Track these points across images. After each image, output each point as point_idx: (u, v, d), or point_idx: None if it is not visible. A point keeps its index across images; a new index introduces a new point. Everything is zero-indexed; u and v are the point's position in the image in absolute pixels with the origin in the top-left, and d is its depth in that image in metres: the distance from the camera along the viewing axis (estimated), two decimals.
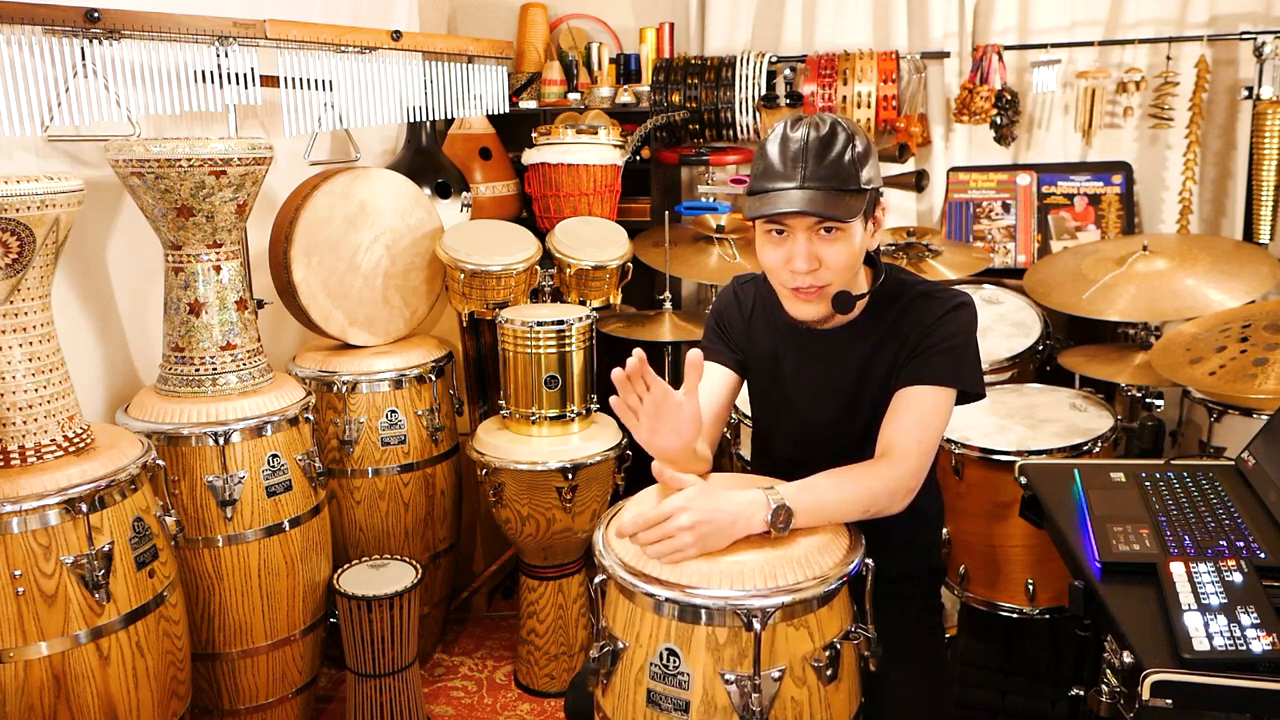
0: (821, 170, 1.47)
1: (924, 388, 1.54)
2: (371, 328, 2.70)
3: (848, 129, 1.50)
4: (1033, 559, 2.13)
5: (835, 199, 1.46)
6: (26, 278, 1.74)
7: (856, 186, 1.48)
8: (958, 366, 1.55)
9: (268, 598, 2.20)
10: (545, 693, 2.64)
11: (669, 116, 3.25)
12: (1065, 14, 3.09)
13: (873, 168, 1.52)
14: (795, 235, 1.50)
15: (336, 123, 2.52)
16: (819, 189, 1.46)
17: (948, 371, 1.54)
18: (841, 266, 1.51)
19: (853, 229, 1.50)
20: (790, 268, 1.52)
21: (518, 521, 2.55)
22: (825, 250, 1.50)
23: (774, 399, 1.74)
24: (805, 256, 1.50)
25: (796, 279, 1.52)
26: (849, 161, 1.48)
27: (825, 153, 1.47)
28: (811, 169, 1.47)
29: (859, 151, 1.49)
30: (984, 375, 1.61)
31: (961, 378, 1.56)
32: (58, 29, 1.94)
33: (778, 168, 1.49)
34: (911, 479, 1.50)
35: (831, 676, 1.38)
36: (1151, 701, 1.13)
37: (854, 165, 1.48)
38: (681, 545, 1.36)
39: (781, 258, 1.53)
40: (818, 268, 1.51)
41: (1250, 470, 1.62)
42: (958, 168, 3.21)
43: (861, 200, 1.49)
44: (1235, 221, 2.96)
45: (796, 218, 1.48)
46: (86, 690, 1.75)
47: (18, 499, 1.67)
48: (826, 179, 1.46)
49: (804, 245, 1.50)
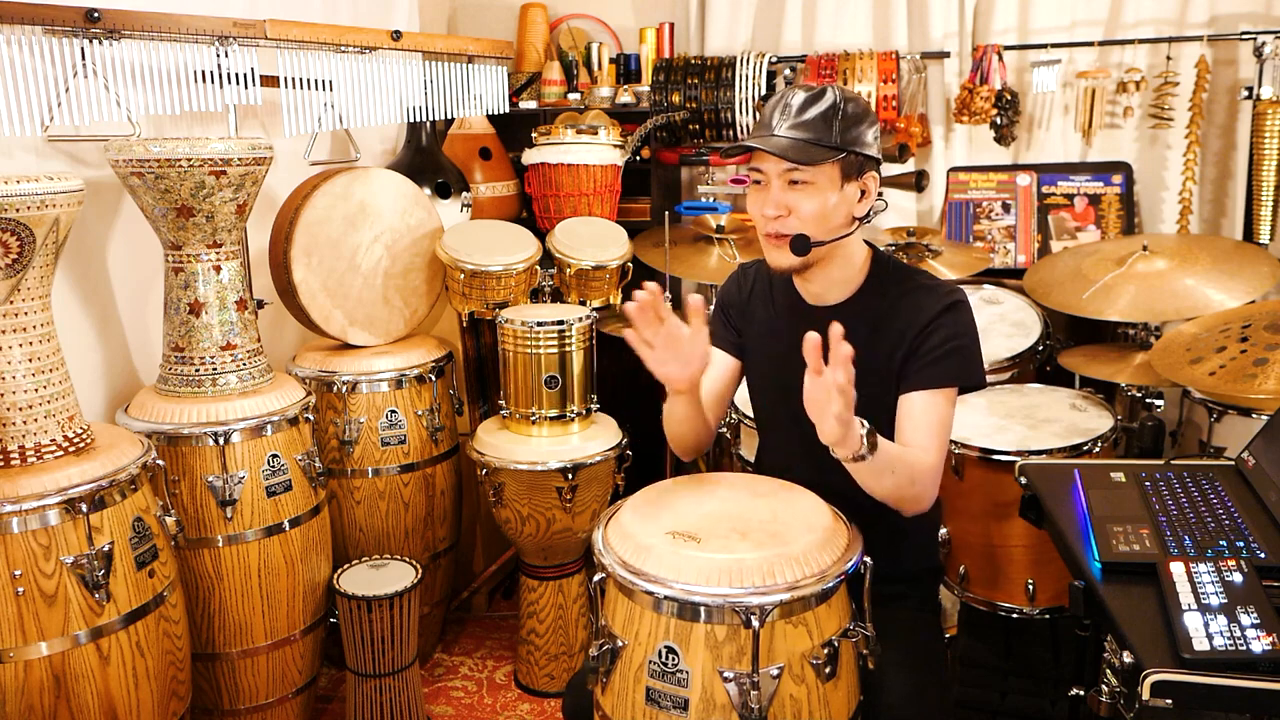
0: (799, 122, 1.56)
1: (933, 392, 1.59)
2: (371, 328, 2.70)
3: (841, 95, 1.58)
4: (1033, 559, 2.12)
5: (803, 148, 1.54)
6: (26, 278, 1.74)
7: (830, 142, 1.55)
8: (965, 365, 1.62)
9: (268, 598, 2.20)
10: (545, 693, 2.64)
11: (669, 116, 3.25)
12: (1065, 14, 3.09)
13: (862, 132, 1.58)
14: (770, 183, 1.59)
15: (336, 123, 2.52)
16: (789, 138, 1.56)
17: (954, 374, 1.61)
18: (810, 217, 1.58)
19: (822, 182, 1.56)
20: (762, 212, 1.61)
21: (518, 521, 2.55)
22: (794, 199, 1.58)
23: (773, 379, 1.76)
24: (774, 203, 1.58)
25: (767, 224, 1.61)
26: (828, 118, 1.55)
27: (808, 108, 1.57)
28: (792, 120, 1.56)
29: (847, 113, 1.56)
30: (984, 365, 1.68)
31: (962, 377, 1.62)
32: (58, 29, 1.94)
33: (763, 117, 1.61)
34: (939, 478, 1.57)
35: (830, 674, 1.38)
36: (1151, 701, 1.13)
37: (834, 123, 1.55)
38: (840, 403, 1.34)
39: (759, 204, 1.62)
40: (785, 215, 1.58)
41: (1250, 470, 1.62)
42: (958, 168, 3.20)
43: (833, 155, 1.55)
44: (1235, 221, 2.96)
45: (769, 163, 1.57)
46: (86, 690, 1.75)
47: (18, 499, 1.68)
48: (802, 129, 1.55)
49: (776, 193, 1.58)
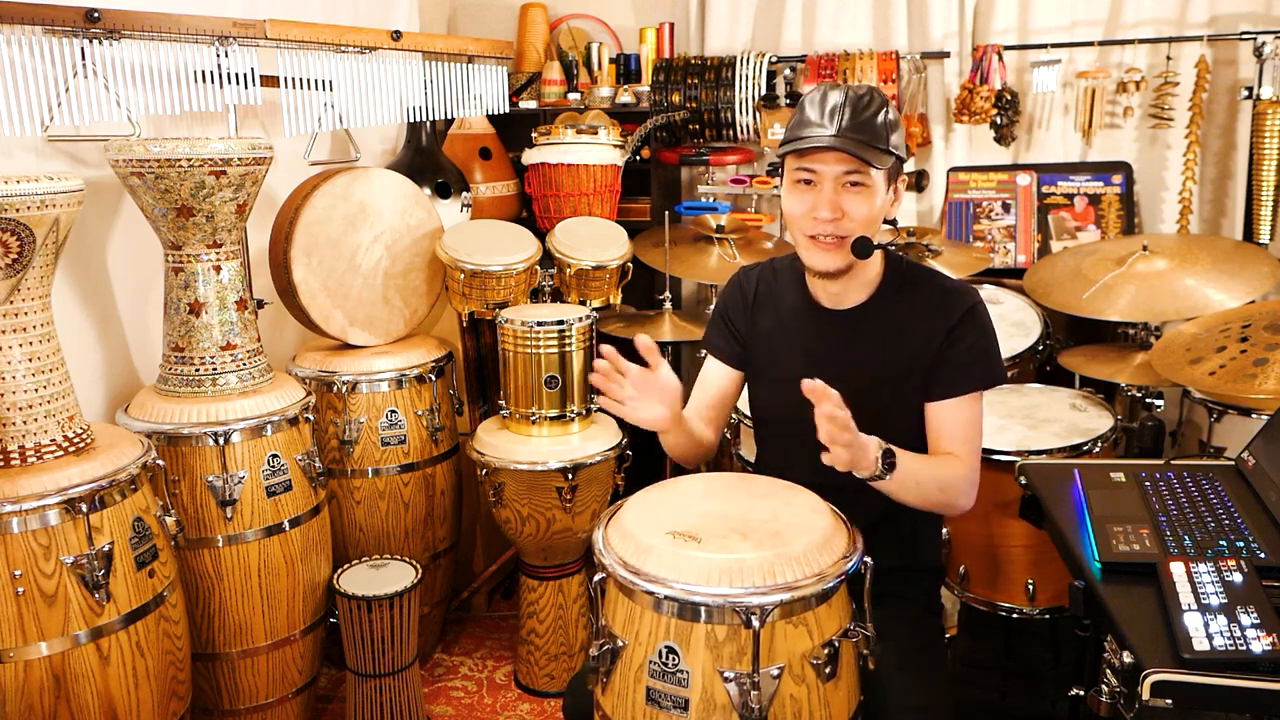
0: (857, 123, 1.53)
1: (964, 398, 1.62)
2: (371, 328, 2.70)
3: (883, 97, 1.57)
4: (1033, 559, 2.12)
5: (870, 149, 1.53)
6: (26, 278, 1.74)
7: (885, 147, 1.54)
8: (990, 368, 1.65)
9: (268, 598, 2.20)
10: (545, 693, 2.64)
11: (669, 116, 3.25)
12: (1065, 14, 3.09)
13: (900, 138, 1.59)
14: (823, 185, 1.56)
15: (336, 123, 2.52)
16: (853, 139, 1.52)
17: (981, 378, 1.64)
18: (863, 219, 1.57)
19: (876, 186, 1.56)
20: (814, 214, 1.57)
21: (518, 521, 2.55)
22: (849, 202, 1.56)
23: (781, 379, 1.72)
24: (830, 205, 1.55)
25: (819, 226, 1.57)
26: (881, 123, 1.55)
27: (861, 110, 1.54)
28: (848, 121, 1.53)
29: (891, 118, 1.56)
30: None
31: (991, 377, 1.64)
32: (58, 29, 1.94)
33: (814, 118, 1.56)
34: (977, 479, 1.60)
35: (830, 674, 1.38)
36: (1151, 701, 1.13)
37: (885, 127, 1.55)
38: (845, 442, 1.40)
39: (807, 205, 1.58)
40: (840, 218, 1.56)
41: (1250, 470, 1.62)
42: (958, 168, 3.21)
43: (888, 161, 1.55)
44: (1235, 221, 2.96)
45: (828, 165, 1.54)
46: (86, 690, 1.75)
47: (18, 499, 1.67)
48: (860, 131, 1.53)
49: (830, 194, 1.55)
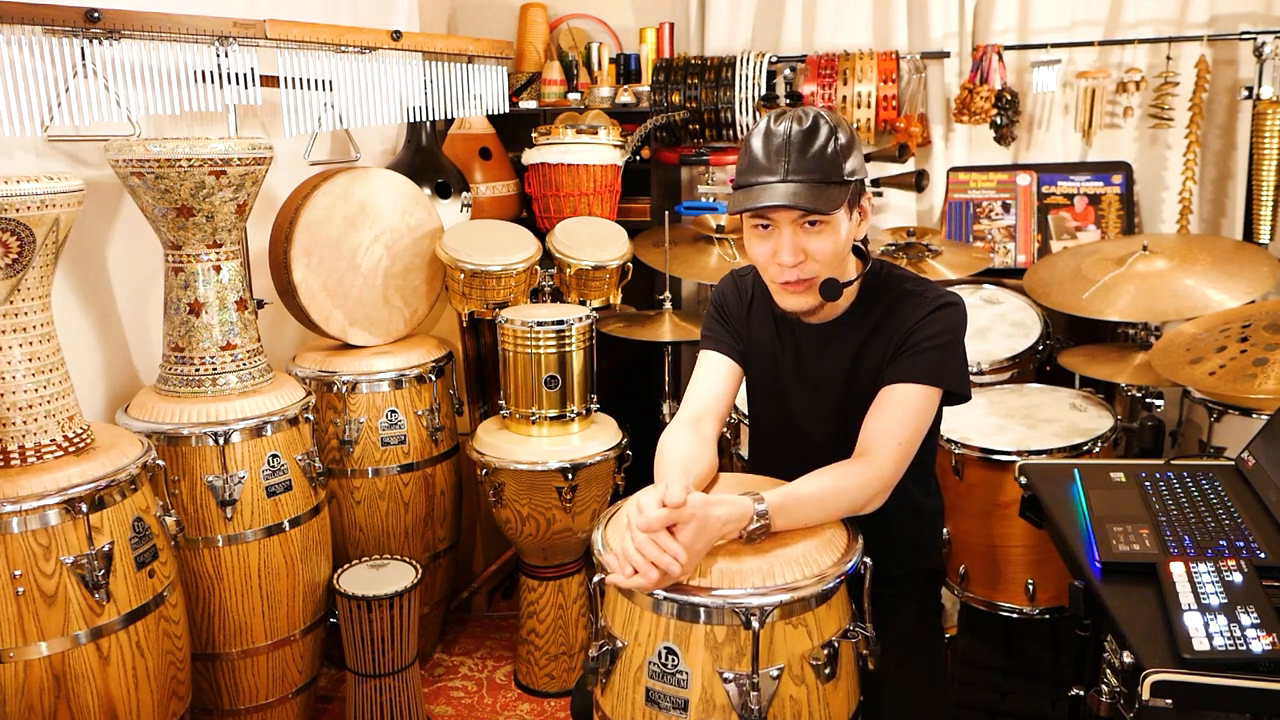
0: (805, 163, 1.47)
1: (907, 386, 1.54)
2: (371, 328, 2.70)
3: (830, 121, 1.51)
4: (1033, 559, 2.13)
5: (818, 191, 1.47)
6: (26, 278, 1.74)
7: (839, 178, 1.49)
8: (943, 365, 1.55)
9: (268, 598, 2.20)
10: (545, 693, 2.64)
11: (669, 116, 3.25)
12: (1065, 14, 3.09)
13: (856, 159, 1.53)
14: (780, 229, 1.51)
15: (336, 123, 2.52)
16: (802, 182, 1.47)
17: (932, 370, 1.54)
18: (827, 258, 1.52)
19: (837, 220, 1.51)
20: (777, 260, 1.53)
21: (518, 521, 2.55)
22: (810, 243, 1.51)
23: (769, 391, 1.74)
24: (791, 250, 1.51)
25: (784, 272, 1.53)
26: (832, 154, 1.48)
27: (808, 145, 1.48)
28: (795, 162, 1.47)
29: (842, 143, 1.50)
30: (974, 376, 1.62)
31: (945, 377, 1.55)
32: (58, 29, 1.94)
33: (761, 161, 1.50)
34: (889, 478, 1.50)
35: (830, 675, 1.38)
36: (1151, 701, 1.13)
37: (837, 157, 1.49)
38: (667, 567, 1.30)
39: (768, 251, 1.54)
40: (804, 260, 1.52)
41: (1250, 470, 1.62)
42: (958, 168, 3.20)
43: (845, 192, 1.50)
44: (1235, 221, 2.96)
45: (780, 211, 1.49)
46: (86, 690, 1.75)
47: (18, 499, 1.67)
48: (810, 171, 1.47)
49: (789, 239, 1.51)
